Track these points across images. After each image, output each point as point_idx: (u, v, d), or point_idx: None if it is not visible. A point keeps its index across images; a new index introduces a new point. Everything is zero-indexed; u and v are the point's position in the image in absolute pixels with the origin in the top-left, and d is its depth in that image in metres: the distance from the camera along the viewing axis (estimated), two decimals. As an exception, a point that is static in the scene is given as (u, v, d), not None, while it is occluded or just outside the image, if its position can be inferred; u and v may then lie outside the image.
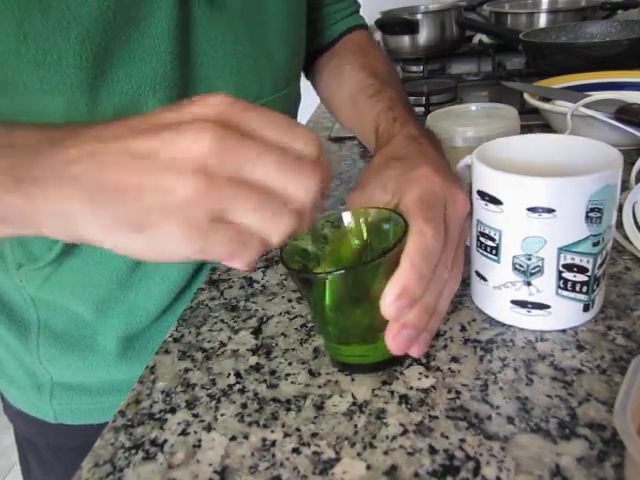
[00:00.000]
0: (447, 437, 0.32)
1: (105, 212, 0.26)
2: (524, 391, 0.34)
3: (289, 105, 0.59)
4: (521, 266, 0.37)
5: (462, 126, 0.61)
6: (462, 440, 0.32)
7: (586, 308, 0.39)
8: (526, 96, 0.73)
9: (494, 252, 0.38)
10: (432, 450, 0.31)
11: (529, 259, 0.37)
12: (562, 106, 0.66)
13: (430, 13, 1.17)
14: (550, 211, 0.35)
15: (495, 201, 0.37)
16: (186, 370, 0.40)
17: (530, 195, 0.35)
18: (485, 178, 0.38)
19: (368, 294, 0.34)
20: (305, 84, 0.69)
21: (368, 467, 0.31)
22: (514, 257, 0.37)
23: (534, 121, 0.75)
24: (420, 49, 1.17)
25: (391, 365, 0.37)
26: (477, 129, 0.60)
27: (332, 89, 0.65)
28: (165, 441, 0.34)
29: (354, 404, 0.35)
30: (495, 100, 0.88)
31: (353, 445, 0.32)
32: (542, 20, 1.13)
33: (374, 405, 0.35)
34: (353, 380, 0.37)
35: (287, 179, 0.26)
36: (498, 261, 0.38)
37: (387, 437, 0.32)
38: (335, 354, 0.38)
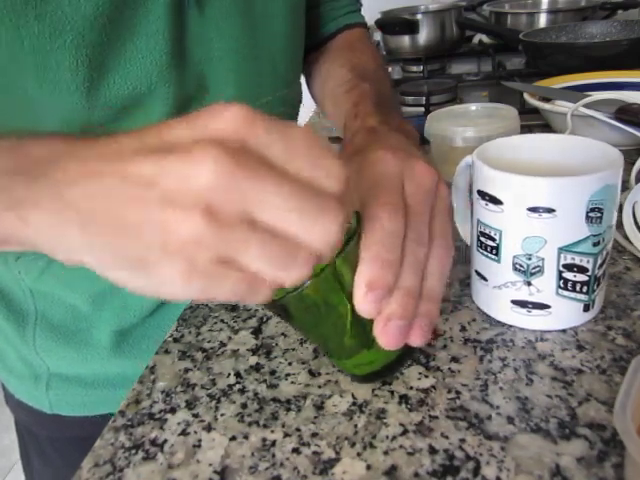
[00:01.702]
0: (447, 437, 0.32)
1: (102, 247, 0.24)
2: (524, 391, 0.34)
3: (289, 105, 0.59)
4: (521, 266, 0.37)
5: (462, 126, 0.61)
6: (462, 440, 0.32)
7: (586, 308, 0.39)
8: (526, 96, 0.73)
9: (494, 252, 0.38)
10: (432, 450, 0.31)
11: (529, 259, 0.37)
12: (562, 106, 0.66)
13: (430, 13, 1.17)
14: (550, 211, 0.35)
15: (495, 201, 0.37)
16: (186, 370, 0.40)
17: (531, 195, 0.35)
18: (485, 178, 0.38)
19: (343, 301, 0.32)
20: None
21: (368, 467, 0.31)
22: (514, 257, 0.37)
23: (534, 121, 0.75)
24: (420, 49, 1.17)
25: (398, 366, 0.36)
26: (477, 129, 0.60)
27: (318, 87, 0.65)
28: (165, 441, 0.34)
29: (354, 404, 0.35)
30: (495, 100, 0.88)
31: (353, 445, 0.32)
32: (542, 20, 1.12)
33: (374, 405, 0.35)
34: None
35: (305, 223, 0.23)
36: (498, 261, 0.38)
37: (387, 437, 0.32)
38: (346, 368, 0.37)
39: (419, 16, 1.16)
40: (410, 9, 1.19)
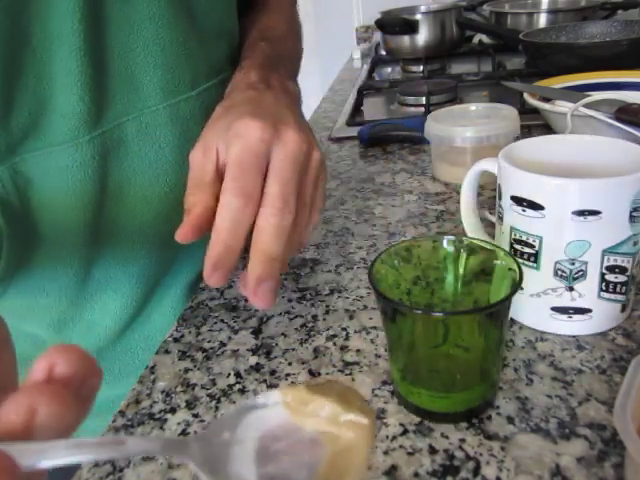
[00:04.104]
0: (447, 437, 0.32)
1: None
2: (524, 391, 0.34)
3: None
4: (564, 272, 0.36)
5: (462, 126, 0.61)
6: (462, 440, 0.32)
7: (623, 308, 0.38)
8: (526, 96, 0.73)
9: (532, 259, 0.37)
10: (432, 450, 0.31)
11: (573, 264, 0.36)
12: (562, 106, 0.66)
13: (430, 13, 1.17)
14: (596, 213, 0.34)
15: (535, 206, 0.36)
16: (186, 370, 0.40)
17: (576, 198, 0.34)
18: (523, 183, 0.36)
19: (463, 340, 0.33)
20: (306, 85, 0.68)
21: (368, 467, 0.31)
22: (556, 263, 0.36)
23: (534, 121, 0.75)
24: (420, 49, 1.17)
25: (466, 417, 0.33)
26: (477, 129, 0.60)
27: None
28: (165, 441, 0.34)
29: (354, 404, 0.35)
30: (495, 100, 0.88)
31: (353, 445, 0.32)
32: (542, 20, 1.13)
33: (374, 405, 0.35)
34: (353, 380, 0.37)
35: None
36: (537, 268, 0.37)
37: (387, 437, 0.32)
38: (417, 400, 0.34)
39: (419, 16, 1.16)
40: (410, 9, 1.19)
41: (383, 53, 1.30)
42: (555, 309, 0.38)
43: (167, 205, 0.48)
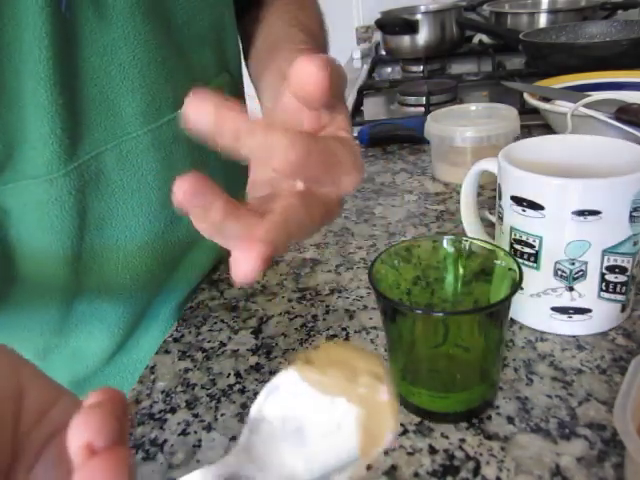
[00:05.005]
0: (447, 437, 0.32)
1: None
2: (524, 391, 0.34)
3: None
4: (564, 272, 0.36)
5: (462, 126, 0.61)
6: (462, 440, 0.32)
7: (623, 308, 0.38)
8: (526, 96, 0.73)
9: (532, 259, 0.37)
10: (432, 450, 0.31)
11: (573, 264, 0.36)
12: (562, 106, 0.66)
13: (430, 13, 1.17)
14: (596, 213, 0.34)
15: (535, 206, 0.36)
16: (186, 370, 0.40)
17: (576, 198, 0.34)
18: (523, 183, 0.36)
19: (462, 340, 0.33)
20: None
21: (368, 467, 0.31)
22: (556, 263, 0.36)
23: (534, 121, 0.75)
24: (420, 49, 1.17)
25: (465, 418, 0.33)
26: (477, 129, 0.60)
27: (255, 40, 0.55)
28: (165, 441, 0.34)
29: (354, 404, 0.35)
30: (495, 100, 0.88)
31: (353, 445, 0.32)
32: (542, 20, 1.13)
33: (374, 405, 0.35)
34: (353, 380, 0.37)
35: None
36: (537, 268, 0.37)
37: (387, 437, 0.32)
38: (417, 400, 0.34)
39: (419, 16, 1.16)
40: (410, 9, 1.19)
41: (383, 53, 1.30)
42: (555, 309, 0.38)
43: (151, 233, 0.46)
